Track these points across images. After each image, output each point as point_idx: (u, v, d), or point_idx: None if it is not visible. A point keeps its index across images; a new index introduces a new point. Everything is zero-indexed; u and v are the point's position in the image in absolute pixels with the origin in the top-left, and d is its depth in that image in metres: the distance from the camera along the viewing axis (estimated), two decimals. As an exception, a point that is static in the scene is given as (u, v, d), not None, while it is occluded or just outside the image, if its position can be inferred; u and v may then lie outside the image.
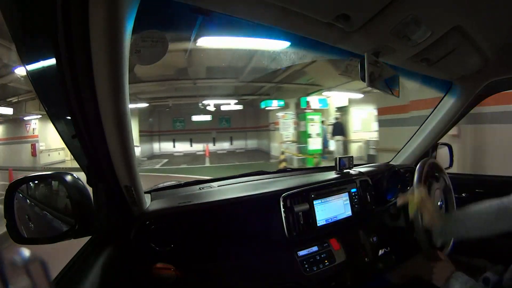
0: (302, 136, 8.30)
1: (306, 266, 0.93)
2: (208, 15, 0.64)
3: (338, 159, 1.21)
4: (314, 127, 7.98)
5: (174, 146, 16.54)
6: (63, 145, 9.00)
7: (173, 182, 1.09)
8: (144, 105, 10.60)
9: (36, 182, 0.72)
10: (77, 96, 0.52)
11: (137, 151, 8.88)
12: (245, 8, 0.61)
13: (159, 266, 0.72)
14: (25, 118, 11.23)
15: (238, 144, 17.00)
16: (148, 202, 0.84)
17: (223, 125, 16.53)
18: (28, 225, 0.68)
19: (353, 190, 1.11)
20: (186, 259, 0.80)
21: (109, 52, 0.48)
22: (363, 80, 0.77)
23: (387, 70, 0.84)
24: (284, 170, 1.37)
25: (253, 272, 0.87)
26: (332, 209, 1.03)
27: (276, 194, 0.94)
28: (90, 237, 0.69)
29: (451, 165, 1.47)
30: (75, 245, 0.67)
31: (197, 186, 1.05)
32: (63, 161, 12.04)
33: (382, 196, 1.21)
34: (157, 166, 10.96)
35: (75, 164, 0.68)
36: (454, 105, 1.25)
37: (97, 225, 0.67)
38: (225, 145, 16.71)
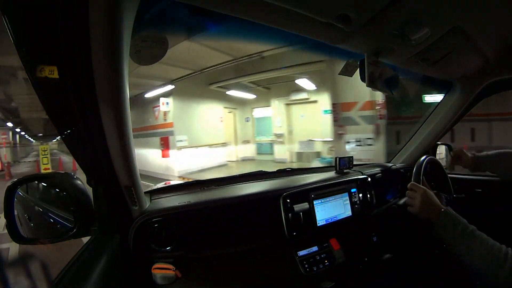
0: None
1: (306, 266, 0.93)
2: (208, 15, 0.65)
3: (338, 159, 1.21)
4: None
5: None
6: (223, 139, 8.42)
7: (173, 182, 1.09)
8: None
9: (36, 182, 0.72)
10: (77, 96, 0.52)
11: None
12: (245, 9, 0.61)
13: (159, 266, 0.72)
14: (150, 95, 7.27)
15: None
16: (148, 202, 0.84)
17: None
18: (28, 225, 0.69)
19: (353, 190, 1.11)
20: (186, 259, 0.79)
21: (109, 52, 0.48)
22: (363, 80, 0.77)
23: (387, 70, 0.84)
24: (284, 170, 1.37)
25: (253, 272, 0.87)
26: (332, 209, 1.03)
27: (276, 194, 0.94)
28: (90, 237, 0.69)
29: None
30: (75, 245, 0.67)
31: (197, 186, 1.05)
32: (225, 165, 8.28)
33: (382, 196, 1.21)
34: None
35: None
36: (454, 105, 1.25)
37: (97, 225, 0.68)
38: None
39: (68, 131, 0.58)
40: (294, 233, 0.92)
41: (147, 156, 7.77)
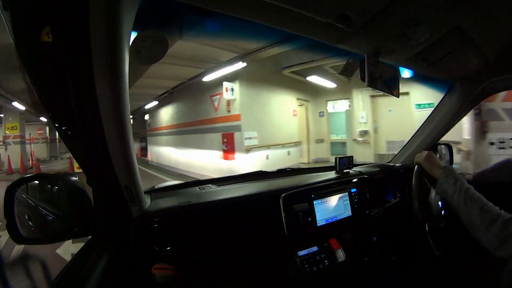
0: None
1: (306, 266, 0.93)
2: (208, 15, 0.65)
3: (338, 159, 1.21)
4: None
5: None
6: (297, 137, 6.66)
7: (173, 182, 1.09)
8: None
9: (36, 182, 0.72)
10: (77, 96, 0.52)
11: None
12: (245, 8, 0.61)
13: (159, 266, 0.72)
14: (207, 79, 5.44)
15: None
16: (148, 202, 0.84)
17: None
18: (28, 225, 0.68)
19: (353, 190, 1.11)
20: (186, 259, 0.79)
21: (109, 52, 0.48)
22: (363, 80, 0.77)
23: (387, 70, 0.84)
24: (284, 170, 1.37)
25: (253, 272, 0.87)
26: (332, 209, 1.03)
27: (276, 194, 0.94)
28: (90, 237, 0.69)
29: (451, 164, 1.47)
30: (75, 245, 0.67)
31: (197, 186, 1.05)
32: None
33: (382, 196, 1.21)
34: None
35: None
36: (454, 105, 1.25)
37: (97, 225, 0.68)
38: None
39: (68, 131, 0.58)
40: (294, 233, 0.92)
41: (200, 159, 6.55)
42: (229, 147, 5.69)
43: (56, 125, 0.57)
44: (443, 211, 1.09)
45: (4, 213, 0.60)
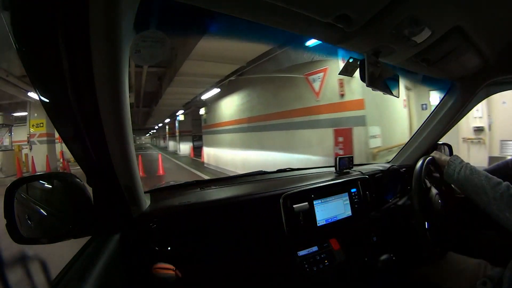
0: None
1: (306, 266, 0.93)
2: (208, 15, 0.64)
3: (338, 159, 1.21)
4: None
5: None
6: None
7: (173, 182, 1.09)
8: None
9: (36, 182, 0.72)
10: (77, 96, 0.52)
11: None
12: (245, 8, 0.61)
13: (159, 266, 0.72)
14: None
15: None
16: (148, 202, 0.84)
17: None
18: (28, 225, 0.68)
19: (353, 190, 1.11)
20: (186, 259, 0.79)
21: (109, 52, 0.48)
22: (363, 80, 0.77)
23: (387, 70, 0.84)
24: (284, 170, 1.37)
25: (253, 272, 0.87)
26: (332, 209, 1.03)
27: (276, 194, 0.94)
28: (90, 237, 0.69)
29: None
30: (75, 245, 0.67)
31: (197, 186, 1.05)
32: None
33: (382, 196, 1.21)
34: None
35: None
36: (454, 105, 1.25)
37: (97, 225, 0.68)
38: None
39: (68, 131, 0.58)
40: (294, 233, 0.92)
41: (288, 165, 3.03)
42: (345, 149, 3.80)
43: (56, 125, 0.57)
44: (443, 210, 1.09)
45: (4, 213, 0.60)
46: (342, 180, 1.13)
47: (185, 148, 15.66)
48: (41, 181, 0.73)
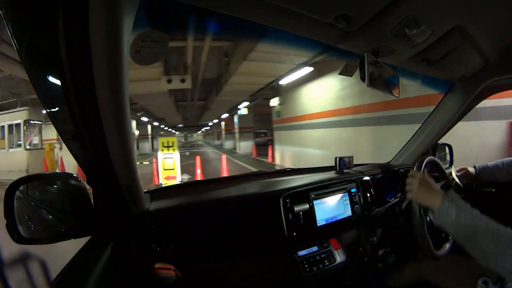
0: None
1: (306, 266, 0.93)
2: (208, 15, 0.64)
3: (338, 159, 1.21)
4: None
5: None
6: None
7: (173, 182, 1.09)
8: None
9: (36, 182, 0.72)
10: (77, 96, 0.52)
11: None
12: (245, 8, 0.61)
13: (159, 266, 0.72)
14: None
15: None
16: (148, 202, 0.84)
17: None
18: (28, 225, 0.68)
19: (353, 190, 1.11)
20: (186, 259, 0.80)
21: (109, 52, 0.48)
22: (363, 80, 0.77)
23: (387, 70, 0.84)
24: (284, 170, 1.37)
25: (253, 272, 0.87)
26: (332, 209, 1.03)
27: (276, 194, 0.94)
28: (90, 237, 0.69)
29: (451, 164, 1.47)
30: (75, 245, 0.67)
31: (197, 187, 1.05)
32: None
33: (382, 196, 1.21)
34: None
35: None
36: (454, 105, 1.25)
37: (97, 225, 0.68)
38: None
39: (68, 131, 0.58)
40: (294, 233, 0.92)
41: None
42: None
43: (56, 125, 0.58)
44: None
45: (4, 213, 0.60)
46: (342, 180, 1.13)
47: (245, 146, 14.34)
48: (41, 181, 0.73)
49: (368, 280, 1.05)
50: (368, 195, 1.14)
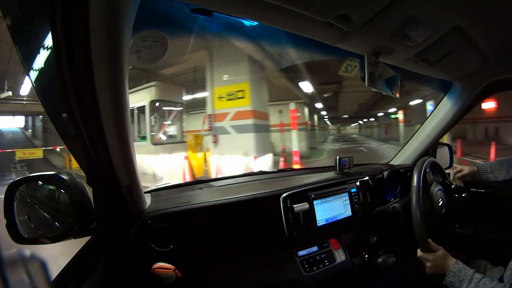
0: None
1: (306, 266, 0.93)
2: (208, 15, 0.64)
3: (338, 159, 1.21)
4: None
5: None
6: None
7: (173, 182, 1.09)
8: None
9: (36, 182, 0.72)
10: (77, 96, 0.52)
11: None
12: (245, 8, 0.61)
13: (159, 266, 0.72)
14: None
15: None
16: (148, 202, 0.84)
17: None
18: (28, 225, 0.68)
19: (353, 190, 1.11)
20: (186, 259, 0.79)
21: (109, 52, 0.48)
22: (363, 80, 0.77)
23: (387, 70, 0.84)
24: (284, 170, 1.37)
25: (253, 272, 0.87)
26: (332, 209, 1.03)
27: (276, 194, 0.94)
28: (90, 237, 0.69)
29: (451, 165, 1.47)
30: (75, 245, 0.67)
31: (197, 186, 1.05)
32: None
33: (382, 196, 1.21)
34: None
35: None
36: (454, 105, 1.25)
37: (97, 225, 0.68)
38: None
39: (68, 131, 0.58)
40: (294, 233, 0.92)
41: None
42: None
43: (56, 125, 0.58)
44: (443, 209, 1.09)
45: (4, 213, 0.60)
46: (342, 180, 1.12)
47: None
48: (41, 181, 0.73)
49: (368, 280, 1.05)
50: (368, 195, 1.14)
